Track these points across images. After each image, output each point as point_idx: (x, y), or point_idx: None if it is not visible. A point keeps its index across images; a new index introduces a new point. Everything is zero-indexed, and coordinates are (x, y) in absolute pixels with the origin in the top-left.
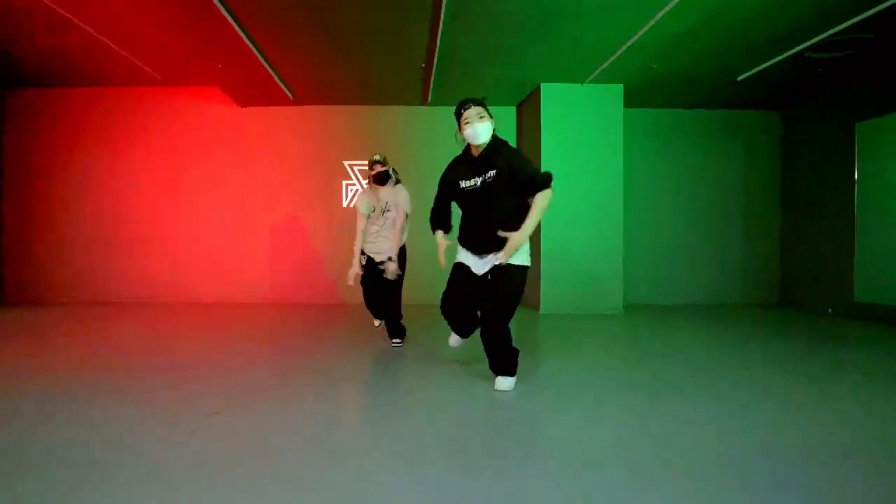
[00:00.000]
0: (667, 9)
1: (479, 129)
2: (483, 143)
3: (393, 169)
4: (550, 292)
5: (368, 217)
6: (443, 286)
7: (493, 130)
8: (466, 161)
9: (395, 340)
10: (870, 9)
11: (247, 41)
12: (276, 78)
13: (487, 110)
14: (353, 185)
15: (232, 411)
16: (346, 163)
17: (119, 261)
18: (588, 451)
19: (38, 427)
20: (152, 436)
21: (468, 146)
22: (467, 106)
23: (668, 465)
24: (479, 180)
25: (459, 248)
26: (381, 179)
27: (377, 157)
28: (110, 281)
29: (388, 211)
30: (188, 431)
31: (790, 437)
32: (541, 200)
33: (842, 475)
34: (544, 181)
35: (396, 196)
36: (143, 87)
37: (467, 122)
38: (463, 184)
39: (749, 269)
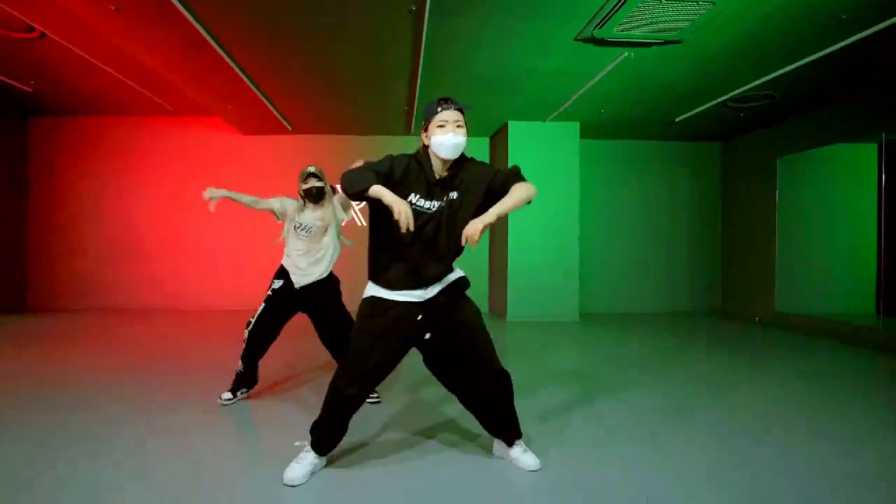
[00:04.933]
0: (600, 76)
1: (453, 141)
2: (450, 160)
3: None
4: (516, 303)
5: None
6: None
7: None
8: (423, 174)
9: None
10: (767, 74)
11: (250, 84)
12: (275, 112)
13: (466, 122)
14: None
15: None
16: (338, 185)
17: (131, 271)
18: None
19: (78, 408)
20: (178, 411)
21: (423, 154)
22: (447, 105)
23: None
24: (436, 204)
25: (372, 285)
26: (317, 197)
27: (312, 169)
28: (122, 289)
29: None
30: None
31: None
32: (524, 189)
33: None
34: (519, 173)
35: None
36: (156, 117)
37: (441, 126)
38: (413, 199)
39: (695, 282)
